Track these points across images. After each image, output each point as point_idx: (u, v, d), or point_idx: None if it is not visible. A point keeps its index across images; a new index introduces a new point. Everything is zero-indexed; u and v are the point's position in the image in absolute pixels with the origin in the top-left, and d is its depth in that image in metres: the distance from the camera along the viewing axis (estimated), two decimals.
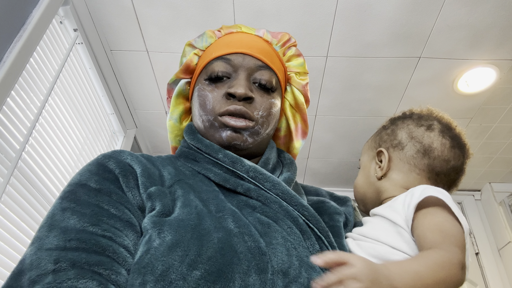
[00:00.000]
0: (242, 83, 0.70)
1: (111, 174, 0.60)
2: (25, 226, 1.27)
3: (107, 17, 1.70)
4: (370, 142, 0.87)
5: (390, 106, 2.10)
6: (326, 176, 2.64)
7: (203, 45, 0.79)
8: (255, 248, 0.54)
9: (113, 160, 0.62)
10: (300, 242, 0.59)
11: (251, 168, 0.66)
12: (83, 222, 0.52)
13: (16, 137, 1.25)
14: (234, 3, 1.64)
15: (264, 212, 0.62)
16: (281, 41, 0.80)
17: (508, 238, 2.38)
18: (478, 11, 1.62)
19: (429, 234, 0.59)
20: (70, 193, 0.56)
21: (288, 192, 0.65)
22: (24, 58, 1.23)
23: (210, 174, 0.67)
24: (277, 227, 0.59)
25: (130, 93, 2.06)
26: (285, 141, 0.84)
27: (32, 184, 1.32)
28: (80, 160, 1.67)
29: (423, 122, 0.80)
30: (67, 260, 0.47)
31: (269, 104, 0.72)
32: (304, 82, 0.80)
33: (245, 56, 0.73)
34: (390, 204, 0.71)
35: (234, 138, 0.69)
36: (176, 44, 1.80)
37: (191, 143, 0.72)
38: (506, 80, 1.91)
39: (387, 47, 1.79)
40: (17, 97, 1.27)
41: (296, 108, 0.81)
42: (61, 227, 0.51)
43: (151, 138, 2.38)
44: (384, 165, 0.78)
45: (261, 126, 0.71)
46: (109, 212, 0.54)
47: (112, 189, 0.58)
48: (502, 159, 2.42)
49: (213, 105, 0.70)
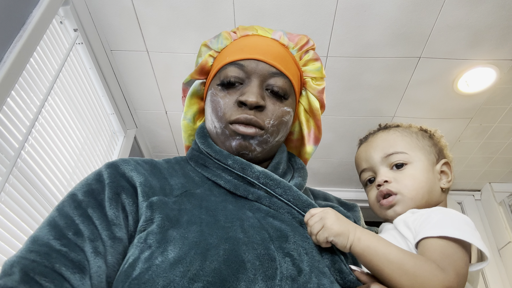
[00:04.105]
0: (254, 90, 0.69)
1: (100, 185, 0.61)
2: (24, 225, 1.27)
3: (107, 17, 1.70)
4: (419, 141, 0.79)
5: (390, 106, 2.10)
6: (326, 176, 2.64)
7: (218, 46, 0.78)
8: (264, 255, 0.54)
9: (110, 170, 0.63)
10: (312, 248, 0.59)
11: (262, 173, 0.66)
12: (49, 235, 0.54)
13: (15, 136, 1.25)
14: (234, 3, 1.64)
15: (277, 218, 0.62)
16: (298, 44, 0.78)
17: (508, 238, 2.38)
18: (478, 11, 1.62)
19: (429, 253, 0.58)
20: (63, 201, 0.59)
21: (300, 198, 0.64)
22: (24, 58, 1.23)
23: (220, 181, 0.67)
24: (290, 233, 0.59)
25: (130, 93, 2.06)
26: (297, 144, 0.84)
27: (31, 183, 1.32)
28: (80, 160, 1.67)
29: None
30: (19, 265, 0.49)
31: (281, 112, 0.71)
32: (320, 87, 0.78)
33: (258, 63, 0.71)
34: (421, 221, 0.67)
35: (243, 147, 0.69)
36: (176, 44, 1.80)
37: (202, 147, 0.72)
38: (506, 80, 1.91)
39: (387, 47, 1.79)
40: (17, 97, 1.27)
41: (310, 113, 0.80)
42: (33, 236, 0.54)
43: (151, 138, 2.38)
44: (451, 179, 0.77)
45: (270, 135, 0.70)
46: (77, 227, 0.55)
47: (92, 203, 0.59)
48: (502, 159, 2.42)
49: (224, 111, 0.70)
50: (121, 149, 2.06)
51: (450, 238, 0.58)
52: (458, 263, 0.57)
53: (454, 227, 0.60)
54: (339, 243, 0.58)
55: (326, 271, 0.57)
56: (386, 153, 0.77)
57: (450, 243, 0.58)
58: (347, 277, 0.58)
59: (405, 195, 0.73)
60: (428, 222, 0.63)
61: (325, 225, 0.59)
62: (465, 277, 0.57)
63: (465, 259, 0.58)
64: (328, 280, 0.55)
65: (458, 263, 0.57)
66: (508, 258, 2.36)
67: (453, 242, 0.58)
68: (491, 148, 2.35)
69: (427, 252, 0.58)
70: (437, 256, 0.57)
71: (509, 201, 2.46)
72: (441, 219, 0.63)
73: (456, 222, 0.62)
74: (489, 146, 2.33)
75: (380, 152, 0.78)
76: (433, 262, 0.56)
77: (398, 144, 0.77)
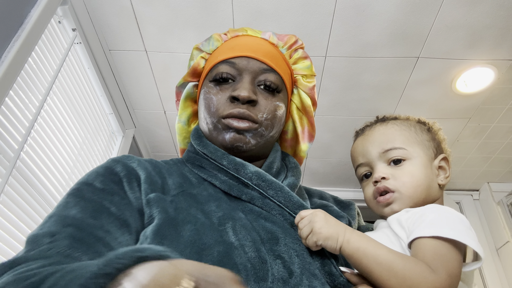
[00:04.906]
0: (246, 86, 0.70)
1: (116, 177, 0.62)
2: (23, 226, 1.26)
3: (106, 17, 1.69)
4: (418, 136, 0.77)
5: (389, 106, 2.10)
6: (325, 176, 2.64)
7: (209, 48, 0.80)
8: (255, 258, 0.54)
9: (120, 163, 0.65)
10: (303, 250, 0.59)
11: (254, 174, 0.66)
12: (83, 214, 0.53)
13: (14, 137, 1.25)
14: (233, 3, 1.64)
15: (268, 219, 0.62)
16: (287, 43, 0.80)
17: (506, 238, 2.39)
18: (477, 11, 1.62)
19: (421, 254, 0.58)
20: (76, 190, 0.59)
21: (291, 199, 0.65)
22: (23, 58, 1.23)
23: (216, 181, 0.68)
24: (281, 235, 0.60)
25: (128, 93, 2.06)
26: (292, 143, 0.84)
27: (30, 184, 1.32)
28: (79, 160, 1.67)
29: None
30: (64, 234, 0.48)
31: (274, 107, 0.72)
32: (311, 84, 0.80)
33: (249, 60, 0.73)
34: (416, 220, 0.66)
35: (237, 140, 0.69)
36: (174, 44, 1.79)
37: (198, 148, 0.73)
38: (504, 80, 1.91)
39: (386, 47, 1.79)
40: (16, 97, 1.26)
41: (303, 111, 0.80)
42: (61, 215, 0.53)
43: (149, 138, 2.38)
44: (449, 174, 0.75)
45: (265, 128, 0.71)
46: (109, 210, 0.56)
47: (115, 190, 0.60)
48: (500, 159, 2.42)
49: (217, 107, 0.71)
50: (119, 149, 2.06)
51: (444, 238, 0.57)
52: (451, 264, 0.56)
53: (449, 226, 0.59)
54: (328, 246, 0.58)
55: (317, 273, 0.57)
56: (384, 148, 0.74)
57: (444, 243, 0.57)
58: (337, 279, 0.58)
59: (403, 193, 0.70)
60: (422, 221, 0.62)
61: (314, 229, 0.58)
62: (458, 278, 0.56)
63: (459, 259, 0.57)
64: (319, 282, 0.56)
65: (451, 263, 0.56)
66: (506, 258, 2.37)
67: (446, 242, 0.57)
68: (489, 148, 2.35)
69: (420, 252, 0.57)
70: (430, 257, 0.56)
71: (507, 201, 2.47)
72: (435, 218, 0.62)
73: (451, 221, 0.61)
74: (488, 146, 2.34)
75: (378, 147, 0.75)
76: (424, 263, 0.55)
77: (396, 139, 0.74)
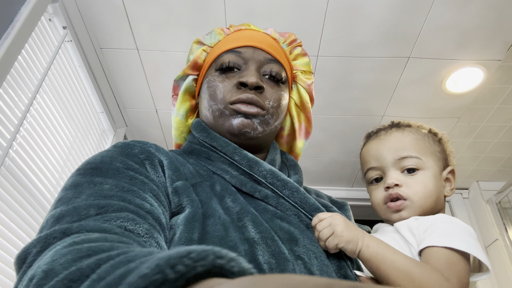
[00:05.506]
0: (253, 73, 0.70)
1: (136, 158, 0.57)
2: (12, 225, 1.25)
3: (97, 15, 1.68)
4: (431, 147, 0.78)
5: (380, 105, 2.11)
6: (317, 175, 2.65)
7: (211, 41, 0.80)
8: (279, 253, 0.53)
9: (138, 147, 0.60)
10: (321, 252, 0.59)
11: (269, 172, 0.65)
12: (119, 188, 0.48)
13: (3, 135, 1.24)
14: (225, 2, 1.64)
15: (284, 220, 0.61)
16: (288, 40, 0.82)
17: (495, 236, 2.42)
18: (467, 12, 1.64)
19: (433, 261, 0.59)
20: (93, 169, 0.51)
21: (307, 201, 0.64)
22: (12, 56, 1.21)
23: (226, 175, 0.65)
24: (299, 236, 0.59)
25: (120, 92, 2.05)
26: (288, 140, 0.84)
27: (19, 183, 1.31)
28: (69, 159, 1.66)
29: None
30: (112, 206, 0.44)
31: (279, 96, 0.73)
32: (310, 81, 0.81)
33: (255, 49, 0.74)
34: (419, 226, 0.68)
35: (245, 125, 0.68)
36: (166, 42, 1.79)
37: (204, 140, 0.71)
38: (493, 80, 1.93)
39: (377, 47, 1.80)
40: (5, 95, 1.25)
41: (301, 107, 0.81)
42: (92, 191, 0.46)
43: (141, 137, 2.36)
44: (454, 186, 0.76)
45: (271, 116, 0.71)
46: (144, 182, 0.52)
47: (140, 170, 0.55)
48: (490, 158, 2.45)
49: (224, 94, 0.70)
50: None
51: (455, 250, 0.60)
52: (462, 273, 0.58)
53: (460, 238, 0.61)
54: (348, 249, 0.59)
55: (334, 276, 0.57)
56: (400, 155, 0.75)
57: (455, 254, 0.60)
58: None
59: (415, 202, 0.72)
60: (433, 230, 0.64)
61: (335, 231, 0.59)
62: (467, 286, 0.59)
63: (468, 269, 0.60)
64: None
65: (461, 273, 0.58)
66: (495, 255, 2.40)
67: (457, 253, 0.60)
68: (478, 147, 2.38)
69: (432, 260, 0.59)
70: (442, 265, 0.58)
71: (496, 199, 2.50)
72: (446, 228, 0.64)
73: (462, 234, 0.63)
74: (477, 145, 2.37)
75: (394, 154, 0.76)
76: (438, 271, 0.57)
77: (413, 148, 0.76)
